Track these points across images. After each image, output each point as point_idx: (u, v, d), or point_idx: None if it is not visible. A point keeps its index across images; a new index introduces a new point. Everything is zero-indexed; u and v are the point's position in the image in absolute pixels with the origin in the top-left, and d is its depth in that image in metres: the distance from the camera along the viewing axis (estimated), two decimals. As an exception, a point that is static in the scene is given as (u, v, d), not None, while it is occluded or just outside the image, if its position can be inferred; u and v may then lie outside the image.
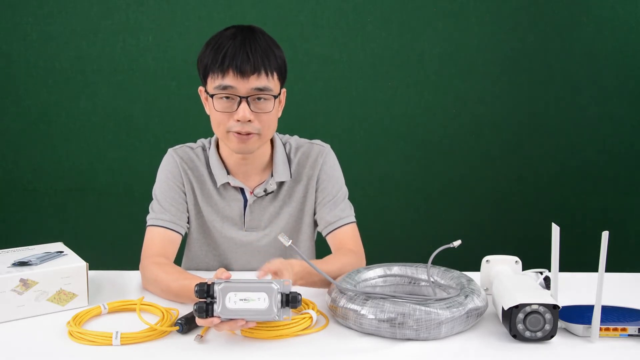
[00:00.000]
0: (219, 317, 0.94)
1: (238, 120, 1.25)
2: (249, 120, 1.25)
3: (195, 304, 0.94)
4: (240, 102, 1.24)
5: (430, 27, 2.38)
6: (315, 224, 1.46)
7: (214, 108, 1.27)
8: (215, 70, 1.24)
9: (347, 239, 1.40)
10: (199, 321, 0.96)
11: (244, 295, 0.94)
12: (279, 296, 0.95)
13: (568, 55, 2.41)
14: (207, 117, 1.33)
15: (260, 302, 0.94)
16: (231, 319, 0.95)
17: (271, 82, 1.26)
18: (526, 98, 2.44)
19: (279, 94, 1.30)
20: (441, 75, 2.41)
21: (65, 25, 2.30)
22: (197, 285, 0.94)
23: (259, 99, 1.25)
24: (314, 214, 1.45)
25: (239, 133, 1.26)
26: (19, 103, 2.34)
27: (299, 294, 0.96)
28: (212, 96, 1.26)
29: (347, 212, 1.42)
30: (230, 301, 0.94)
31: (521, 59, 2.41)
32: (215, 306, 0.94)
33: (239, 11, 2.31)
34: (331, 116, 2.40)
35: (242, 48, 1.22)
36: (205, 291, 0.94)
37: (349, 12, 2.35)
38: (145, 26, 2.31)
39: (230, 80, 1.23)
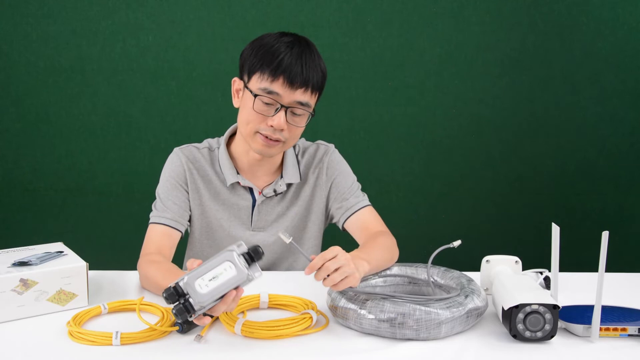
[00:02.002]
0: (200, 315, 0.94)
1: (271, 126, 1.26)
2: (282, 129, 1.27)
3: (173, 309, 0.92)
4: (278, 110, 1.25)
5: (430, 27, 2.38)
6: (331, 220, 1.48)
7: (251, 106, 1.26)
8: (265, 72, 1.24)
9: (369, 219, 1.41)
10: (197, 321, 0.96)
11: (211, 275, 0.94)
12: (241, 258, 0.95)
13: (568, 55, 2.41)
14: (207, 117, 1.33)
15: (228, 271, 0.94)
16: (222, 298, 0.94)
17: (312, 99, 1.28)
18: (526, 98, 2.44)
19: (313, 111, 1.32)
20: (441, 75, 2.41)
21: (65, 25, 2.30)
22: (164, 292, 0.92)
23: (296, 112, 1.27)
24: (326, 210, 1.47)
25: (267, 137, 1.28)
26: (19, 103, 2.34)
27: (258, 246, 0.97)
28: (255, 96, 1.25)
29: (362, 197, 1.45)
30: (201, 287, 0.93)
31: (521, 59, 2.41)
32: (191, 300, 0.92)
33: (238, 11, 2.31)
34: (331, 116, 2.40)
35: (298, 60, 1.23)
36: (175, 294, 0.92)
37: (349, 12, 2.35)
38: (145, 26, 2.31)
39: (278, 87, 1.23)
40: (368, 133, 2.43)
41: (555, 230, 1.00)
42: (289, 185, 1.43)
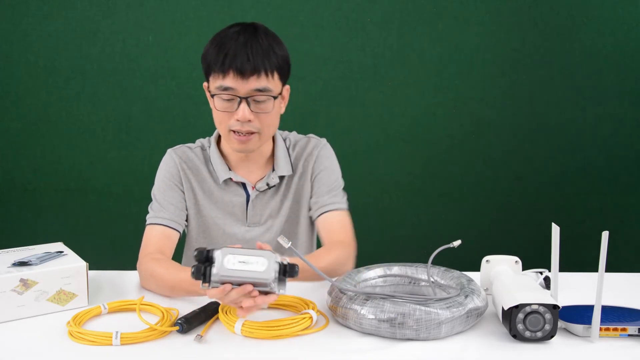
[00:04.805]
0: (219, 286, 0.94)
1: (238, 120, 1.26)
2: (249, 120, 1.27)
3: (193, 266, 0.94)
4: (240, 103, 1.25)
5: (430, 27, 2.38)
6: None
7: (215, 107, 1.29)
8: (216, 71, 1.25)
9: (336, 226, 1.40)
10: (209, 293, 0.96)
11: (243, 258, 0.95)
12: (277, 265, 0.96)
13: (568, 55, 2.41)
14: (207, 117, 1.33)
15: (258, 265, 0.95)
16: (240, 285, 0.94)
17: (271, 83, 1.26)
18: (526, 98, 2.44)
19: (280, 93, 1.30)
20: (441, 75, 2.41)
21: (65, 25, 2.30)
22: (196, 249, 0.95)
23: (258, 99, 1.26)
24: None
25: (239, 133, 1.28)
26: (19, 103, 2.34)
27: (297, 265, 0.97)
28: (212, 96, 1.28)
29: (339, 199, 1.43)
30: (229, 262, 0.94)
31: (521, 59, 2.41)
32: (213, 269, 0.94)
33: (239, 11, 2.31)
34: (331, 116, 2.40)
35: (243, 49, 1.23)
36: (204, 256, 0.95)
37: (349, 12, 2.35)
38: (145, 26, 2.31)
39: (230, 81, 1.24)
40: (368, 133, 2.43)
41: (555, 230, 1.00)
42: (281, 178, 1.43)
